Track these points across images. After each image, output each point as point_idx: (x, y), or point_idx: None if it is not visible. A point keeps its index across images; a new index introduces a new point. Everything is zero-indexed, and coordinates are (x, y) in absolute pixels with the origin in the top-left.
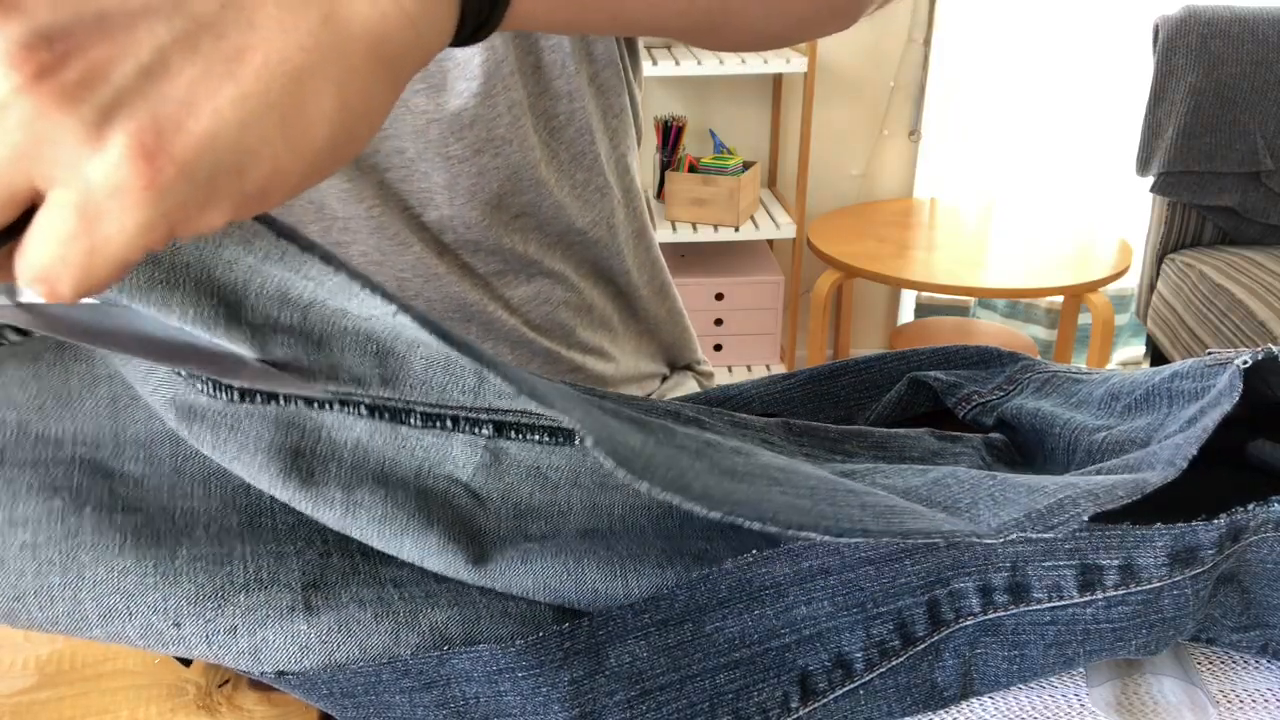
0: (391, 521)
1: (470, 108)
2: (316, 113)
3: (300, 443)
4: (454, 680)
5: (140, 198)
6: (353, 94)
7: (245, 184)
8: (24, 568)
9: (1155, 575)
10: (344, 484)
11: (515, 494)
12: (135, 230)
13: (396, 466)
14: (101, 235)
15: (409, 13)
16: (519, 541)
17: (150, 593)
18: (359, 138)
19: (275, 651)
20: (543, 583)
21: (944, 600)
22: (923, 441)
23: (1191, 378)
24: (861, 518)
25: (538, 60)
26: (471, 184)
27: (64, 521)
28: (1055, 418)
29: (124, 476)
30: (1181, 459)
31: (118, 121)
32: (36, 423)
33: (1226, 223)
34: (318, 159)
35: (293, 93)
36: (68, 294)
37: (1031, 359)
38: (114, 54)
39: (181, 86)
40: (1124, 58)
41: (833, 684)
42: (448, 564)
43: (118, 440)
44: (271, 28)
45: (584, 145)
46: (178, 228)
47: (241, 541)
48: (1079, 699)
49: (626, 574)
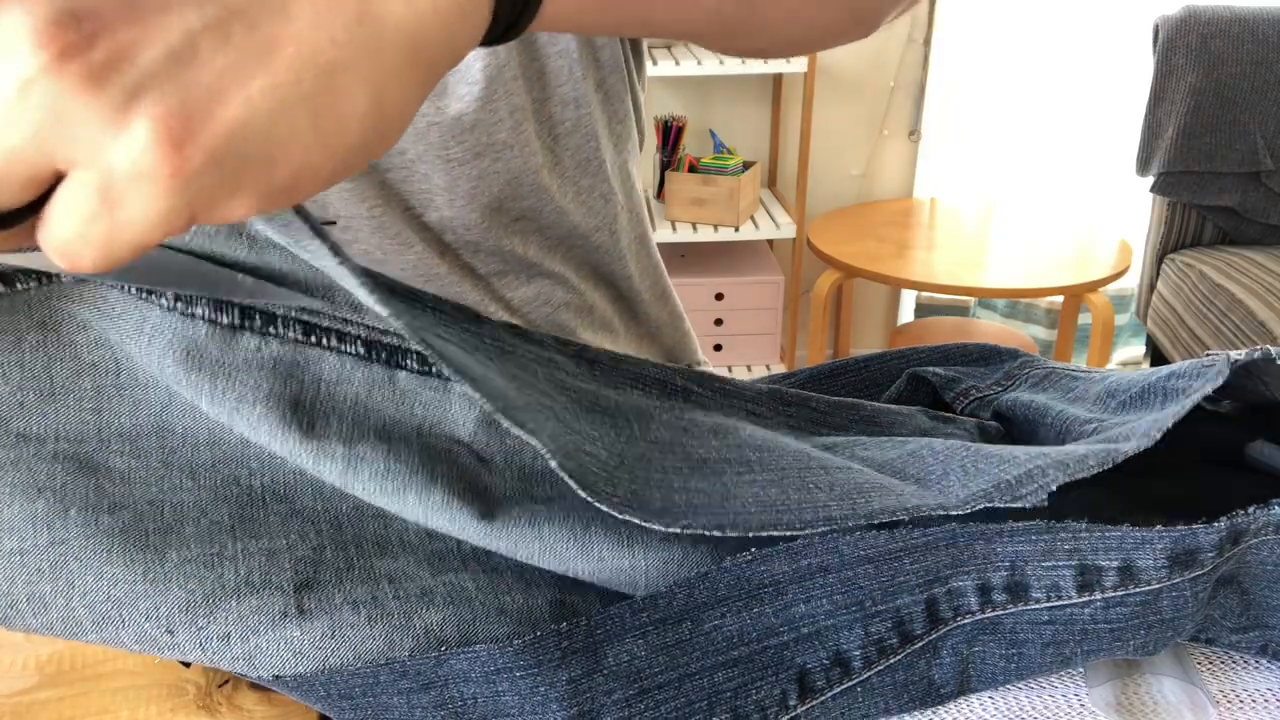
0: (394, 476)
1: (470, 112)
2: (349, 109)
3: (299, 394)
4: (452, 681)
5: (165, 185)
6: (386, 92)
7: (274, 176)
8: (14, 575)
9: (1154, 577)
10: (345, 438)
11: (519, 457)
12: (157, 215)
13: (398, 425)
14: (122, 218)
15: (442, 13)
16: (526, 503)
17: (141, 600)
18: (389, 136)
19: (269, 658)
20: (549, 547)
21: (942, 599)
22: (915, 419)
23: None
24: (826, 502)
25: (542, 66)
26: (471, 187)
27: (50, 527)
28: (1049, 409)
29: (109, 471)
30: (1157, 430)
31: (143, 105)
32: (18, 420)
33: (1226, 223)
34: (348, 156)
35: (325, 87)
36: (89, 269)
37: (1031, 356)
38: (143, 37)
39: (212, 73)
40: (1124, 58)
41: (830, 682)
42: (453, 520)
43: (102, 434)
44: (305, 20)
45: (589, 152)
46: (200, 215)
47: (232, 538)
48: (1078, 699)
49: (634, 545)
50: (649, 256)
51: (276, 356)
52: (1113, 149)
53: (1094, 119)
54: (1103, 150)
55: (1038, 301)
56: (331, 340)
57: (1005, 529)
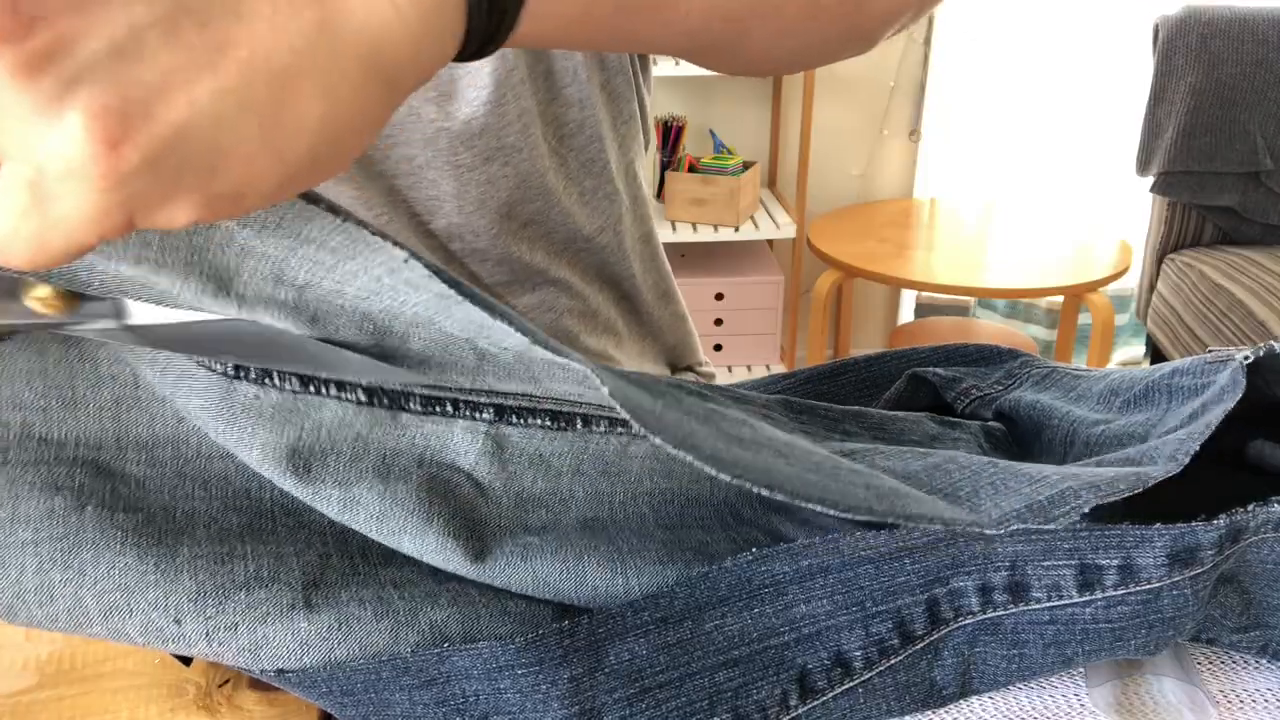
0: (389, 519)
1: (480, 116)
2: (301, 119)
3: (298, 439)
4: (453, 678)
5: (98, 184)
6: (342, 105)
7: (215, 184)
8: (25, 564)
9: (1155, 575)
10: (340, 481)
11: (518, 483)
12: (90, 215)
13: (398, 456)
14: (54, 215)
15: (411, 27)
16: (519, 534)
17: (151, 590)
18: (345, 151)
19: (275, 649)
20: (542, 580)
21: (943, 599)
22: (922, 425)
23: (1191, 374)
24: (866, 497)
25: (549, 67)
26: (480, 192)
27: (65, 519)
28: (1054, 410)
29: (126, 477)
30: (1184, 454)
31: (79, 99)
32: (40, 425)
33: (1226, 223)
34: (297, 168)
35: (277, 94)
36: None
37: (1031, 355)
38: (85, 28)
39: (155, 71)
40: (1124, 58)
41: (831, 682)
42: (447, 560)
43: (120, 442)
44: (261, 23)
45: (594, 152)
46: (137, 218)
47: (242, 541)
48: (1079, 699)
49: (627, 571)
50: (653, 256)
51: (275, 404)
52: (1113, 149)
53: (1094, 119)
54: (1102, 150)
55: (1038, 301)
56: (331, 390)
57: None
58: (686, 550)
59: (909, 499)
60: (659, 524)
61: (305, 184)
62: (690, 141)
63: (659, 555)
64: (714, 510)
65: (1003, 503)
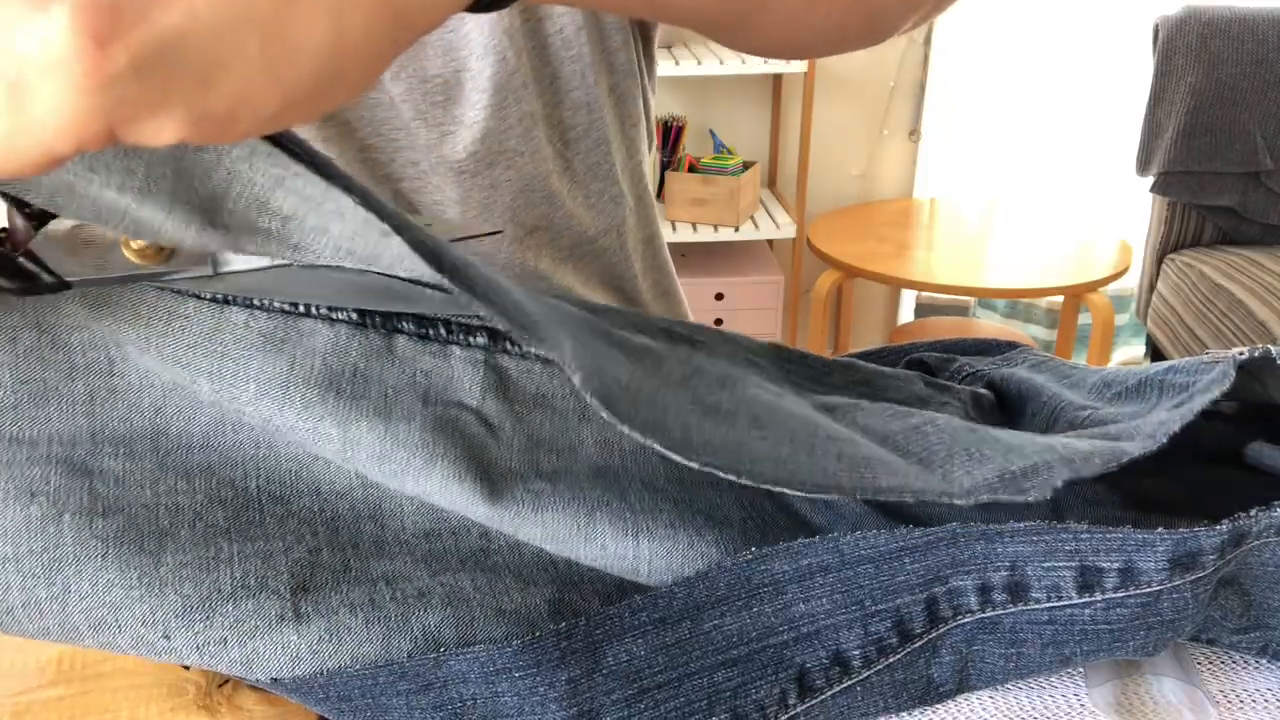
0: (390, 460)
1: (481, 120)
2: (305, 41)
3: (290, 370)
4: (451, 682)
5: (80, 83)
6: (350, 33)
7: (207, 100)
8: (9, 581)
9: (1155, 579)
10: (340, 420)
11: (526, 424)
12: (68, 119)
13: (400, 395)
14: (28, 117)
15: None
16: (531, 479)
17: (137, 605)
18: (347, 83)
19: (266, 661)
20: (551, 533)
21: (942, 598)
22: (911, 385)
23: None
24: (836, 471)
25: (555, 72)
26: (484, 196)
27: (43, 532)
28: (1043, 389)
29: (104, 474)
30: (1163, 434)
31: None
32: (11, 423)
33: (1226, 223)
34: (296, 93)
35: (283, 10)
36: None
37: (1029, 347)
38: None
39: None
40: (1124, 58)
41: (830, 681)
42: (453, 501)
43: (95, 437)
44: None
45: (600, 156)
46: (118, 129)
47: (228, 540)
48: (1078, 699)
49: (639, 534)
50: (655, 256)
51: (266, 331)
52: (1113, 149)
53: (1094, 119)
54: (1103, 150)
55: (1038, 301)
56: (322, 309)
57: (1006, 529)
58: (697, 514)
59: (880, 470)
60: (669, 478)
61: (301, 114)
62: (690, 141)
63: (669, 519)
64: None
65: (975, 471)
